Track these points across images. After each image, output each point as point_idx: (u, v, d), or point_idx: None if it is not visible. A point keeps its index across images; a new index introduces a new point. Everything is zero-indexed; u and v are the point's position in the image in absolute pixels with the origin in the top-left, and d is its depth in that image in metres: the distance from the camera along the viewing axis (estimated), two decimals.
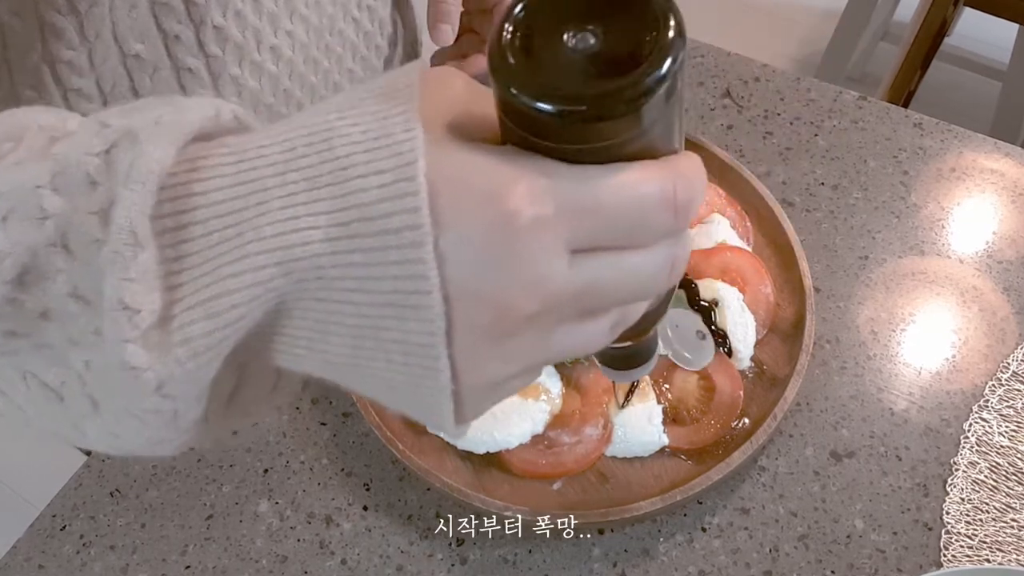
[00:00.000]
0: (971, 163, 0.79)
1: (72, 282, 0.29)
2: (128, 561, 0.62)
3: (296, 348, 0.31)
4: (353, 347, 0.30)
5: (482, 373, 0.31)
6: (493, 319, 0.29)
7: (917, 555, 0.60)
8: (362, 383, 0.32)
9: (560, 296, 0.29)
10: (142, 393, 0.29)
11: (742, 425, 0.64)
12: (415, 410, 0.33)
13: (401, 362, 0.30)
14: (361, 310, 0.29)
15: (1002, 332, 0.70)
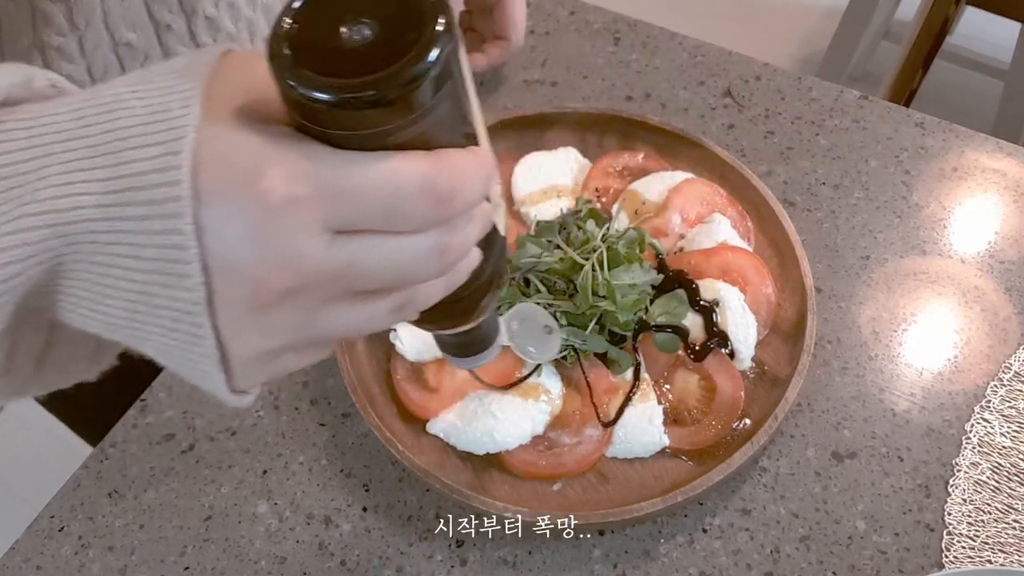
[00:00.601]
0: (973, 163, 0.79)
1: None
2: (127, 562, 0.62)
3: (80, 308, 0.33)
4: (129, 311, 0.32)
5: (246, 344, 0.32)
6: (250, 292, 0.31)
7: (919, 556, 0.60)
8: (144, 346, 0.34)
9: (318, 274, 0.31)
10: None
11: (743, 426, 0.64)
12: (192, 376, 0.34)
13: (171, 328, 0.32)
14: (132, 275, 0.31)
15: (1004, 332, 0.69)
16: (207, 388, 0.35)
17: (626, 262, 0.66)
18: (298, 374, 0.69)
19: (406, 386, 0.66)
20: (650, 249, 0.70)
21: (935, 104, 2.06)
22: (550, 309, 0.65)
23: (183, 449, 0.66)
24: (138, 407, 0.68)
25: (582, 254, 0.66)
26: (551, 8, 0.94)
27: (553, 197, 0.75)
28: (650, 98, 0.86)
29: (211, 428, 0.67)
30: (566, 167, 0.77)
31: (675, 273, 0.69)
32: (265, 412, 0.68)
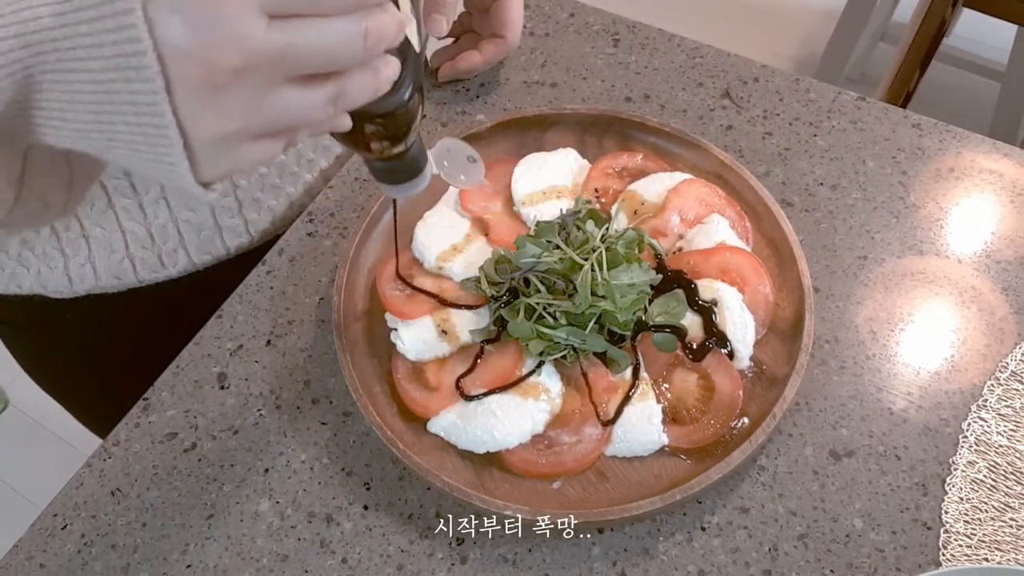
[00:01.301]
0: (970, 163, 0.80)
1: None
2: (129, 560, 0.62)
3: (52, 121, 0.36)
4: (96, 112, 0.35)
5: (204, 127, 0.36)
6: (202, 73, 0.34)
7: (916, 554, 0.60)
8: (113, 150, 0.37)
9: (260, 55, 0.34)
10: None
11: (741, 424, 0.64)
12: (160, 173, 0.37)
13: (136, 123, 0.35)
14: (94, 76, 0.34)
15: (1001, 332, 0.70)
16: (175, 183, 0.38)
17: (625, 262, 0.66)
18: (299, 373, 0.70)
19: (407, 385, 0.66)
20: (649, 249, 0.70)
21: (932, 105, 2.06)
22: (550, 309, 0.65)
23: (185, 448, 0.67)
24: (140, 406, 0.69)
25: (581, 254, 0.66)
26: (550, 10, 0.94)
27: (553, 198, 0.75)
28: (649, 99, 0.86)
29: (213, 427, 0.67)
30: (566, 168, 0.78)
31: (674, 273, 0.70)
32: (267, 411, 0.68)
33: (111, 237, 0.71)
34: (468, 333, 0.68)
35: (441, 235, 0.74)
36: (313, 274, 0.76)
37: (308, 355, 0.71)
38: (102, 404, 0.78)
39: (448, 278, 0.72)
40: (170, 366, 0.71)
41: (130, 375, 0.72)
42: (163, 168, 0.37)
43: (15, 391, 1.82)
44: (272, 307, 0.74)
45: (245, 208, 0.76)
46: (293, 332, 0.72)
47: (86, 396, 0.87)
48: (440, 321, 0.68)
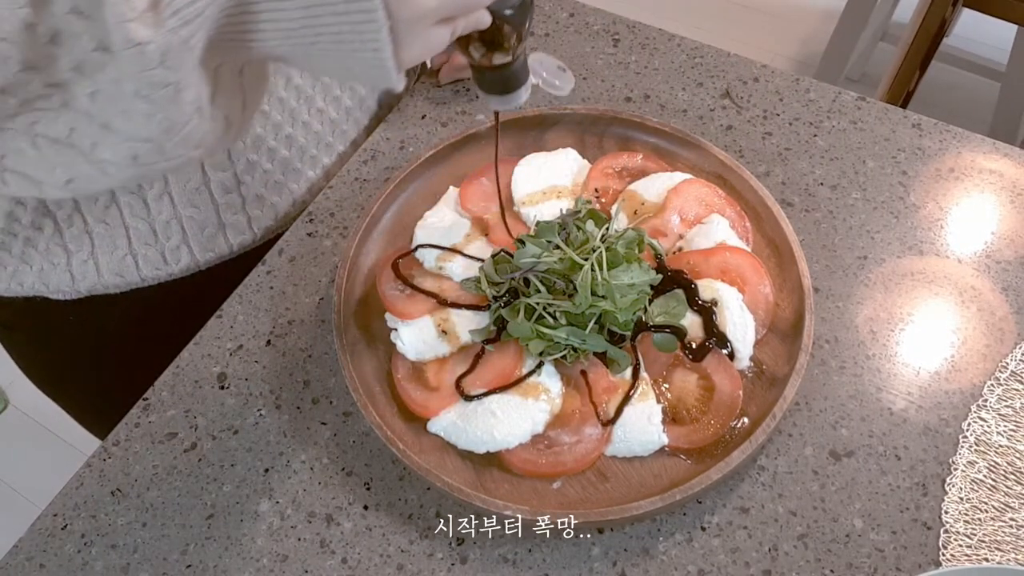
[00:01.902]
0: (970, 163, 0.80)
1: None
2: (129, 560, 0.62)
3: (260, 23, 0.38)
4: (305, 7, 0.38)
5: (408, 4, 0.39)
6: None
7: (916, 554, 0.60)
8: (316, 47, 0.39)
9: None
10: (148, 66, 0.37)
11: (741, 424, 0.64)
12: (360, 63, 0.40)
13: (344, 11, 0.37)
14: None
15: (1000, 332, 0.70)
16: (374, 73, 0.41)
17: (625, 262, 0.66)
18: (299, 373, 0.70)
19: (407, 385, 0.66)
20: (649, 249, 0.70)
21: (932, 105, 2.06)
22: (550, 309, 0.65)
23: (185, 448, 0.67)
24: (140, 406, 0.69)
25: (582, 254, 0.66)
26: (550, 10, 0.94)
27: (553, 198, 0.75)
28: (649, 99, 0.86)
29: (213, 427, 0.67)
30: (566, 168, 0.78)
31: (674, 273, 0.70)
32: (267, 411, 0.68)
33: (114, 233, 0.71)
34: (468, 333, 0.68)
35: (441, 235, 0.74)
36: (313, 274, 0.76)
37: (308, 355, 0.71)
38: (101, 406, 0.78)
39: (448, 278, 0.72)
40: (170, 366, 0.71)
41: (130, 378, 0.72)
42: (366, 56, 0.39)
43: (15, 391, 1.83)
44: (272, 307, 0.74)
45: (248, 204, 0.76)
46: (293, 332, 0.72)
47: (85, 398, 0.87)
48: (440, 321, 0.68)
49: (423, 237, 0.74)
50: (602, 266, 0.65)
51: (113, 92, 0.38)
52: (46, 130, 0.40)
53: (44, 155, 0.41)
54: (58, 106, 0.39)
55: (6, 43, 0.36)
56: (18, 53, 0.36)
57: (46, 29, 0.36)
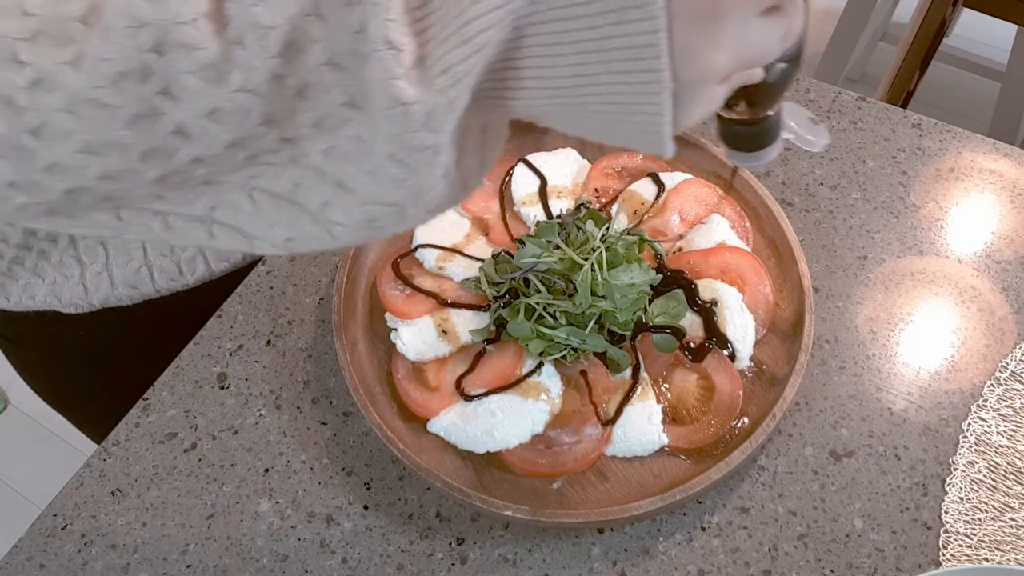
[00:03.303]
0: (970, 163, 0.80)
1: (328, 49, 0.32)
2: (129, 560, 0.62)
3: (526, 80, 0.34)
4: (579, 64, 0.33)
5: (697, 64, 0.34)
6: (707, 3, 0.33)
7: (916, 554, 0.60)
8: (583, 107, 0.35)
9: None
10: (411, 128, 0.33)
11: (741, 424, 0.64)
12: (634, 126, 0.36)
13: (622, 69, 0.33)
14: (587, 22, 0.32)
15: (1000, 332, 0.70)
16: (645, 139, 0.36)
17: (625, 262, 0.66)
18: (299, 373, 0.70)
19: (407, 385, 0.66)
20: (649, 249, 0.70)
21: (932, 105, 2.07)
22: (550, 309, 0.65)
23: (185, 448, 0.67)
24: (140, 406, 0.69)
25: (581, 254, 0.66)
26: None
27: (553, 198, 0.75)
28: None
29: (213, 427, 0.67)
30: (566, 168, 0.78)
31: (674, 273, 0.70)
32: (267, 411, 0.68)
33: (130, 244, 0.71)
34: (468, 333, 0.68)
35: (441, 235, 0.74)
36: (313, 274, 0.76)
37: (308, 355, 0.71)
38: (104, 414, 0.78)
39: (448, 278, 0.72)
40: (170, 366, 0.71)
41: (133, 385, 0.72)
42: (641, 120, 0.35)
43: (15, 391, 1.83)
44: (272, 307, 0.74)
45: None
46: (293, 332, 0.72)
47: (92, 411, 0.86)
48: (440, 321, 0.68)
49: (423, 237, 0.74)
50: (602, 266, 0.65)
51: (352, 150, 0.34)
52: (268, 184, 0.36)
53: (262, 210, 0.37)
54: (285, 161, 0.35)
55: (252, 95, 0.32)
56: (261, 106, 0.33)
57: (295, 81, 0.33)
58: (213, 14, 0.31)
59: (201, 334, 0.72)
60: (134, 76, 0.31)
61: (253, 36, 0.31)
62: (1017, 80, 1.75)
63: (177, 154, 0.33)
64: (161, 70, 0.31)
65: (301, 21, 0.32)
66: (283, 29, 0.32)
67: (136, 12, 0.30)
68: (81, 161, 0.33)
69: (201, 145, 0.33)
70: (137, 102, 0.31)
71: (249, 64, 0.32)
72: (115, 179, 0.34)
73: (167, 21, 0.31)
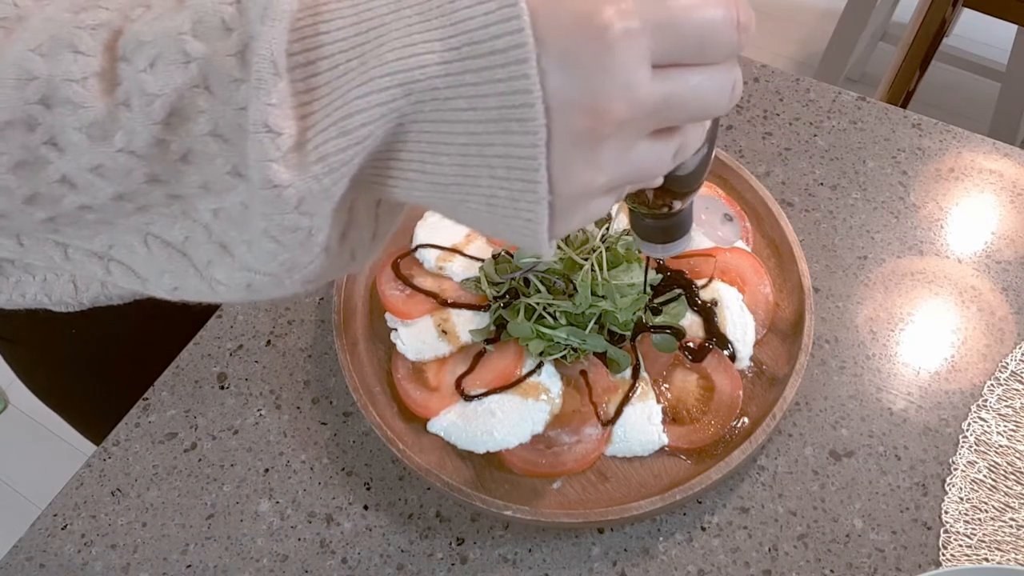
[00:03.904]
0: (970, 163, 0.80)
1: (213, 121, 0.33)
2: (129, 560, 0.62)
3: (409, 172, 0.34)
4: (461, 165, 0.33)
5: (575, 182, 0.34)
6: (589, 125, 0.33)
7: (916, 554, 0.60)
8: (463, 204, 0.35)
9: (644, 105, 0.33)
10: (283, 210, 0.33)
11: (741, 424, 0.64)
12: (511, 228, 0.36)
13: (504, 176, 0.33)
14: (470, 128, 0.32)
15: (1001, 332, 0.70)
16: (523, 240, 0.36)
17: (625, 262, 0.66)
18: (299, 373, 0.70)
19: (407, 385, 0.66)
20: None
21: (932, 105, 2.07)
22: (550, 309, 0.65)
23: (185, 448, 0.67)
24: (140, 406, 0.69)
25: (581, 254, 0.66)
26: None
27: None
28: None
29: (213, 427, 0.67)
30: None
31: (674, 273, 0.70)
32: (267, 411, 0.68)
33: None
34: (468, 333, 0.68)
35: (441, 235, 0.74)
36: None
37: (308, 355, 0.71)
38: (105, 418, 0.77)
39: (448, 278, 0.72)
40: (170, 366, 0.71)
41: (133, 389, 0.72)
42: (517, 224, 0.35)
43: (15, 391, 1.83)
44: (272, 307, 0.74)
45: None
46: (293, 332, 0.72)
47: (88, 410, 0.86)
48: (440, 321, 0.68)
49: (423, 237, 0.74)
50: (602, 266, 0.65)
51: (238, 216, 0.35)
52: (161, 232, 0.37)
53: (154, 256, 0.38)
54: (177, 214, 0.36)
55: (134, 157, 0.33)
56: (144, 167, 0.34)
57: (179, 147, 0.34)
58: (105, 74, 0.32)
59: (201, 334, 0.72)
60: (19, 125, 0.32)
61: (138, 101, 0.32)
62: (1017, 80, 1.75)
63: (63, 200, 0.34)
64: (48, 122, 0.32)
65: (188, 92, 0.32)
66: (169, 98, 0.32)
67: (27, 65, 0.32)
68: None
69: (87, 195, 0.34)
70: (22, 150, 0.32)
71: (132, 128, 0.33)
72: (3, 216, 0.35)
73: (56, 77, 0.32)
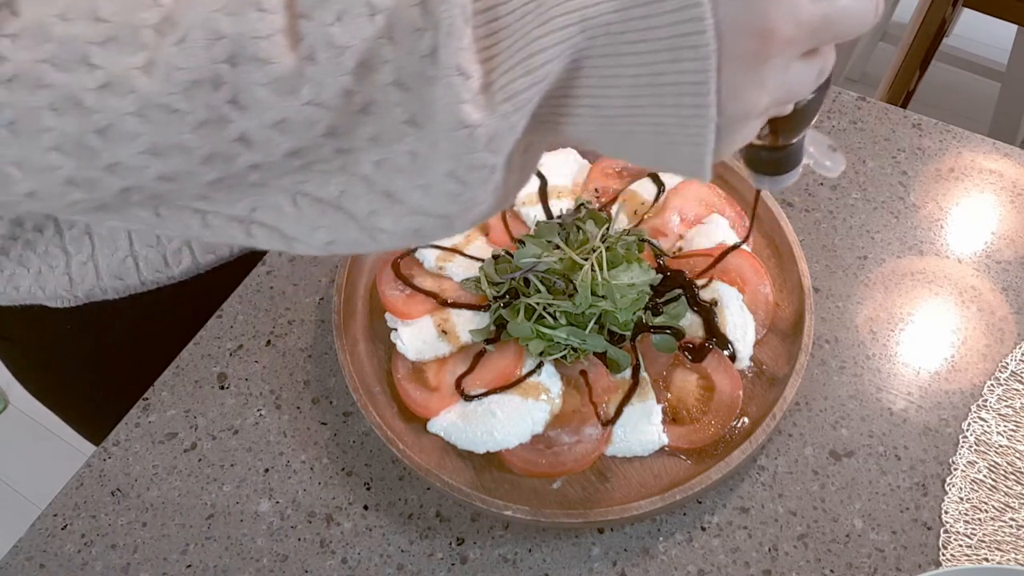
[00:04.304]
0: (970, 163, 0.80)
1: (396, 70, 0.34)
2: (129, 560, 0.62)
3: (580, 107, 0.36)
4: (630, 96, 0.35)
5: (741, 102, 0.36)
6: (757, 47, 0.35)
7: (916, 554, 0.60)
8: (630, 136, 0.37)
9: (807, 25, 0.35)
10: (474, 149, 0.35)
11: (741, 424, 0.64)
12: (677, 155, 0.37)
13: (672, 103, 0.35)
14: (642, 59, 0.34)
15: (1000, 332, 0.70)
16: (687, 165, 0.38)
17: (625, 262, 0.66)
18: (299, 373, 0.70)
19: (407, 385, 0.66)
20: (649, 249, 0.70)
21: (932, 105, 2.07)
22: (550, 309, 0.65)
23: (185, 448, 0.67)
24: (140, 406, 0.69)
25: (581, 254, 0.66)
26: None
27: (553, 197, 0.75)
28: None
29: (213, 427, 0.67)
30: (565, 168, 0.78)
31: (674, 273, 0.70)
32: (267, 411, 0.68)
33: (116, 235, 0.71)
34: (468, 333, 0.68)
35: None
36: (313, 274, 0.76)
37: (308, 355, 0.71)
38: (100, 416, 0.77)
39: (448, 278, 0.72)
40: (170, 366, 0.71)
41: (128, 388, 0.72)
42: (684, 151, 0.37)
43: (15, 391, 1.83)
44: (272, 307, 0.74)
45: None
46: (293, 332, 0.72)
47: (84, 409, 0.86)
48: (440, 321, 0.68)
49: None
50: (602, 266, 0.65)
51: (405, 164, 0.36)
52: (314, 190, 0.37)
53: (304, 214, 0.38)
54: (335, 169, 0.37)
55: (320, 109, 0.34)
56: (327, 119, 0.34)
57: (362, 98, 0.34)
58: (288, 30, 0.33)
59: (201, 334, 0.72)
60: (206, 84, 0.32)
61: (327, 54, 0.33)
62: (1017, 80, 1.75)
63: (237, 160, 0.35)
64: (233, 80, 0.32)
65: (374, 43, 0.33)
66: (358, 48, 0.33)
67: (215, 25, 0.32)
68: (143, 162, 0.34)
69: (262, 152, 0.35)
70: (206, 109, 0.33)
71: (321, 80, 0.33)
72: (172, 180, 0.35)
73: (244, 35, 0.32)
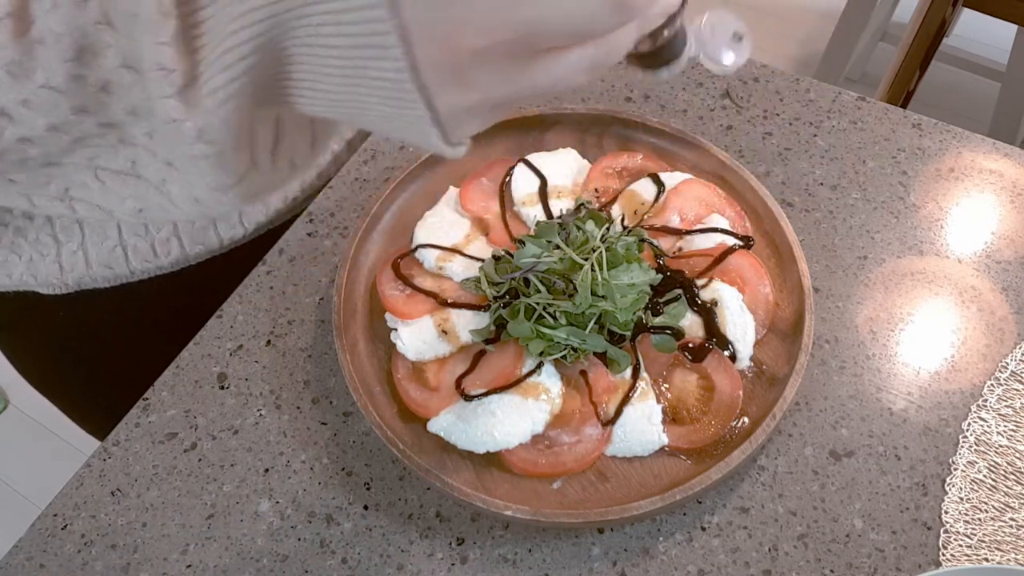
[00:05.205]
0: (970, 163, 0.80)
1: (121, 54, 0.35)
2: (129, 560, 0.62)
3: (304, 91, 0.37)
4: (345, 85, 0.35)
5: (448, 101, 0.35)
6: (448, 56, 0.34)
7: (916, 554, 0.60)
8: (362, 117, 0.37)
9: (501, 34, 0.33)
10: (186, 141, 0.36)
11: (741, 424, 0.64)
12: (412, 136, 0.38)
13: (386, 96, 0.35)
14: (343, 52, 0.34)
15: (1001, 332, 0.70)
16: (426, 146, 0.38)
17: (625, 262, 0.66)
18: (299, 373, 0.70)
19: (407, 385, 0.66)
20: (649, 249, 0.70)
21: (932, 105, 2.07)
22: (550, 309, 0.65)
23: (185, 448, 0.67)
24: (140, 406, 0.69)
25: (581, 254, 0.66)
26: None
27: (553, 198, 0.75)
28: (649, 99, 0.86)
29: (213, 427, 0.67)
30: (566, 168, 0.78)
31: (674, 273, 0.70)
32: (267, 411, 0.68)
33: (105, 224, 0.71)
34: (468, 333, 0.68)
35: (441, 235, 0.74)
36: (313, 274, 0.76)
37: (308, 355, 0.71)
38: (96, 405, 0.78)
39: (448, 278, 0.72)
40: (170, 366, 0.71)
41: (122, 376, 0.72)
42: (415, 133, 0.37)
43: (15, 391, 1.83)
44: (272, 307, 0.74)
45: None
46: (293, 332, 0.72)
47: (80, 396, 0.87)
48: (440, 321, 0.68)
49: (423, 237, 0.74)
50: (602, 266, 0.65)
51: (170, 133, 0.37)
52: (108, 163, 0.39)
53: (109, 187, 0.40)
54: (116, 142, 0.38)
55: (55, 92, 0.35)
56: (67, 100, 0.36)
57: (96, 79, 0.36)
58: (19, 13, 0.34)
59: (201, 334, 0.72)
60: None
61: (51, 40, 0.34)
62: (1017, 80, 1.75)
63: (4, 132, 0.37)
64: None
65: (92, 28, 0.34)
66: (74, 36, 0.34)
67: None
68: None
69: (24, 127, 0.36)
70: None
71: (49, 65, 0.35)
72: None
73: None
